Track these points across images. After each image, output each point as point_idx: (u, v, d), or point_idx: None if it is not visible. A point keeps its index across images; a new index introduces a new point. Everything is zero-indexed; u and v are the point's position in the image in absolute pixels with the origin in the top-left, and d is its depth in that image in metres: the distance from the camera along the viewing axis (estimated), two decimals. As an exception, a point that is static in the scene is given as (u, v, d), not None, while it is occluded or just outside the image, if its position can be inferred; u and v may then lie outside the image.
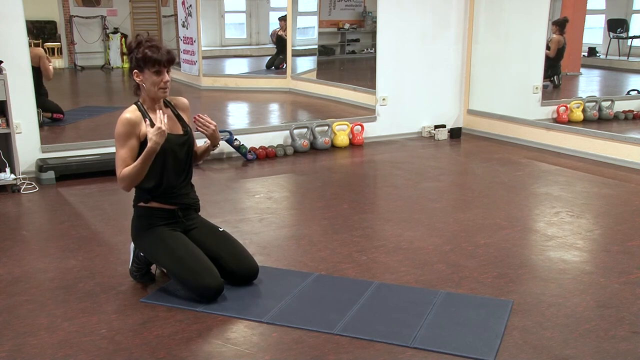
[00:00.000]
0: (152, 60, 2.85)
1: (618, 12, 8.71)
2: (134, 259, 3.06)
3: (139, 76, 2.90)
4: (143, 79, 2.90)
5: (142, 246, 2.98)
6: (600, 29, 8.75)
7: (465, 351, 2.46)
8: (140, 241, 2.99)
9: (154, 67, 2.86)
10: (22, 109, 4.94)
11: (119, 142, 2.87)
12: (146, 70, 2.87)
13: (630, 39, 8.53)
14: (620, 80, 8.89)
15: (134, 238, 3.02)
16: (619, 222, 4.01)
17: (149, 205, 2.97)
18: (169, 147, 2.92)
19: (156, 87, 2.90)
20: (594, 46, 8.91)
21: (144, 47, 2.86)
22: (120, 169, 2.87)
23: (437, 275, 3.19)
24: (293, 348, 2.50)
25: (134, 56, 2.88)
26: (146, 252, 2.97)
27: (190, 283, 2.84)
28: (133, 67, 2.91)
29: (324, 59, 10.16)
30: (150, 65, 2.85)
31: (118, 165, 2.87)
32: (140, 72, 2.89)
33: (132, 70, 2.92)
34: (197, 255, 2.88)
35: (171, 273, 2.92)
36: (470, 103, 7.05)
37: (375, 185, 5.27)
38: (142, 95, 2.97)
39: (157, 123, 2.82)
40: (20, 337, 2.58)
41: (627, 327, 2.65)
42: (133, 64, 2.90)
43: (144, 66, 2.87)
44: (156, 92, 2.92)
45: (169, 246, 2.90)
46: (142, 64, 2.86)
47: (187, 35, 10.06)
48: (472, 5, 6.84)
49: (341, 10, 10.33)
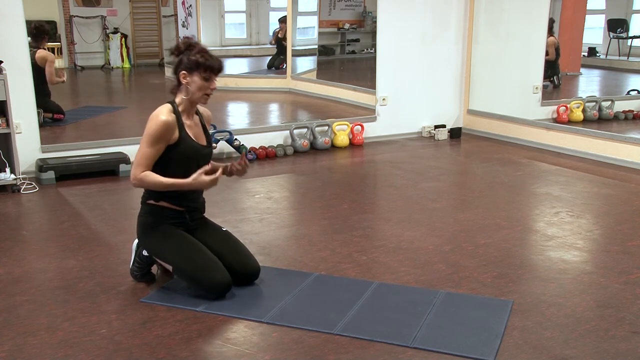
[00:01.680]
0: (206, 66, 2.85)
1: (618, 12, 8.71)
2: (136, 259, 3.06)
3: (187, 77, 2.88)
4: (190, 81, 2.88)
5: (148, 243, 2.97)
6: (600, 29, 8.75)
7: (465, 351, 2.46)
8: (146, 238, 2.98)
9: (205, 73, 2.86)
10: (22, 109, 4.94)
11: (149, 141, 2.83)
12: (196, 73, 2.85)
13: (630, 39, 8.53)
14: (620, 80, 8.89)
15: (140, 234, 3.02)
16: (619, 222, 4.01)
17: (158, 204, 2.97)
18: (194, 157, 2.93)
19: (201, 92, 2.89)
20: (594, 46, 8.91)
21: (197, 51, 2.86)
22: (141, 168, 2.84)
23: (437, 275, 3.19)
24: (293, 348, 2.50)
25: (186, 58, 2.86)
26: (152, 249, 2.96)
27: (200, 279, 2.86)
28: (182, 68, 2.88)
29: (324, 59, 10.15)
30: (202, 70, 2.85)
31: (140, 163, 2.84)
32: (189, 74, 2.87)
33: (178, 70, 2.89)
34: (205, 253, 2.89)
35: (179, 270, 2.91)
36: (470, 103, 7.05)
37: (375, 185, 5.27)
38: (180, 97, 2.94)
39: (218, 174, 2.87)
40: (20, 337, 2.58)
41: (627, 327, 2.65)
42: (183, 65, 2.87)
43: (195, 69, 2.85)
44: (200, 97, 2.91)
45: (177, 243, 2.90)
46: (194, 67, 2.85)
47: (187, 35, 10.05)
48: (472, 5, 6.84)
49: (341, 10, 10.32)
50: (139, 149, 2.86)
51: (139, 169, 2.85)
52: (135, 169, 2.86)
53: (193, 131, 2.97)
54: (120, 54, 12.65)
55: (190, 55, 2.86)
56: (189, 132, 2.94)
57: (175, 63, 2.93)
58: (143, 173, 2.85)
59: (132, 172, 2.88)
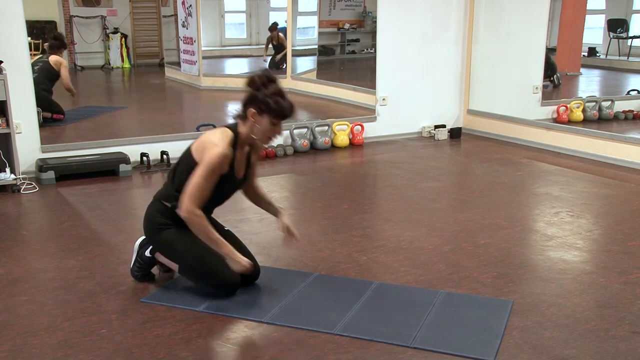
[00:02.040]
0: (278, 113, 2.72)
1: (618, 12, 8.71)
2: (137, 259, 3.06)
3: (255, 117, 2.73)
4: (258, 121, 2.74)
5: (157, 241, 2.94)
6: (600, 29, 8.76)
7: (465, 351, 2.46)
8: (156, 236, 2.94)
9: (275, 119, 2.73)
10: (22, 109, 4.94)
11: (207, 174, 2.70)
12: (266, 116, 2.72)
13: (630, 39, 8.54)
14: (620, 80, 8.89)
15: (149, 231, 2.98)
16: (619, 222, 4.01)
17: (171, 209, 2.91)
18: (229, 187, 2.90)
19: (266, 135, 2.78)
20: (594, 46, 8.92)
21: (272, 92, 2.71)
22: (197, 201, 2.71)
23: (437, 275, 3.19)
24: (293, 348, 2.50)
25: (260, 95, 2.71)
26: (161, 247, 2.94)
27: (212, 277, 2.87)
28: (253, 106, 2.73)
29: (324, 59, 10.15)
30: (273, 115, 2.72)
31: (194, 195, 2.70)
32: (259, 115, 2.73)
33: (248, 105, 2.74)
34: (215, 253, 2.88)
35: (189, 267, 2.90)
36: (470, 103, 7.05)
37: (375, 185, 5.27)
38: (243, 129, 2.80)
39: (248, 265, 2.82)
40: (20, 337, 2.58)
41: (627, 327, 2.65)
42: (255, 104, 2.72)
43: (266, 112, 2.72)
44: (263, 139, 2.81)
45: (188, 243, 2.88)
46: (266, 109, 2.71)
47: (187, 35, 10.06)
48: (472, 5, 6.84)
49: (341, 10, 10.33)
50: (195, 177, 2.70)
51: (195, 202, 2.72)
52: (189, 201, 2.71)
53: (238, 163, 2.87)
54: (120, 54, 12.65)
55: (265, 95, 2.70)
56: (235, 166, 2.85)
57: (247, 95, 2.76)
58: (199, 213, 2.72)
59: (184, 202, 2.72)
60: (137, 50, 13.08)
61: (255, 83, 2.74)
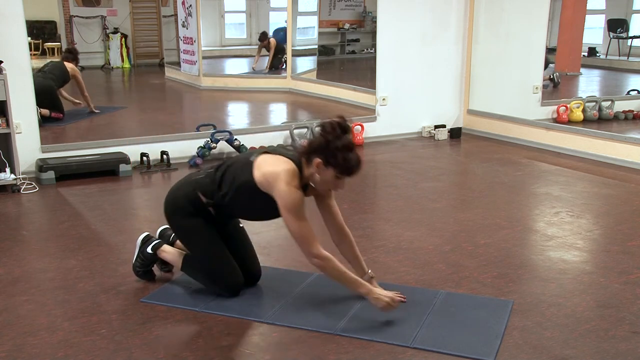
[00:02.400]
0: (344, 170, 2.60)
1: (618, 12, 8.72)
2: (139, 255, 3.06)
3: (320, 167, 2.59)
4: (321, 171, 2.61)
5: (180, 224, 2.89)
6: (600, 29, 8.76)
7: (465, 351, 2.46)
8: (178, 221, 2.88)
9: (341, 174, 2.61)
10: (22, 109, 4.94)
11: (300, 213, 2.59)
12: (331, 169, 2.59)
13: (630, 39, 8.54)
14: (620, 80, 8.90)
15: (172, 214, 2.89)
16: (619, 222, 4.01)
17: (204, 203, 2.83)
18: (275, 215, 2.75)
19: (327, 186, 2.69)
20: (594, 46, 8.92)
21: (343, 146, 2.57)
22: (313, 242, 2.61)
23: (437, 275, 3.19)
24: (293, 348, 2.50)
25: (331, 147, 2.56)
26: (182, 231, 2.90)
27: (219, 276, 2.87)
28: (319, 156, 2.58)
29: (324, 59, 10.16)
30: (339, 170, 2.60)
31: (308, 240, 2.60)
32: (324, 166, 2.59)
33: (314, 152, 2.59)
34: (229, 256, 2.90)
35: (200, 263, 2.90)
36: (470, 103, 7.05)
37: (375, 185, 5.26)
38: (306, 171, 2.66)
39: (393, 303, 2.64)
40: (20, 337, 2.58)
41: (627, 327, 2.65)
42: (322, 153, 2.57)
43: (332, 165, 2.58)
44: (323, 189, 2.72)
45: (208, 240, 2.86)
46: (333, 163, 2.57)
47: (187, 35, 10.06)
48: (472, 5, 6.84)
49: (341, 10, 10.34)
50: (293, 224, 2.60)
51: (313, 245, 2.61)
52: (309, 248, 2.61)
53: None
54: (120, 54, 12.66)
55: (336, 148, 2.56)
56: None
57: (317, 141, 2.61)
58: (327, 255, 2.62)
59: (308, 250, 2.62)
60: (137, 50, 13.09)
61: (327, 131, 2.59)
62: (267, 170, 2.64)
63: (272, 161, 2.67)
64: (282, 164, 2.63)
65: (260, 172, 2.66)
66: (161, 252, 3.03)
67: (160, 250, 3.03)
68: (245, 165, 2.73)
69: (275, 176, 2.60)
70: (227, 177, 2.77)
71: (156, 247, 3.03)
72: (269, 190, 2.64)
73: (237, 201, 2.77)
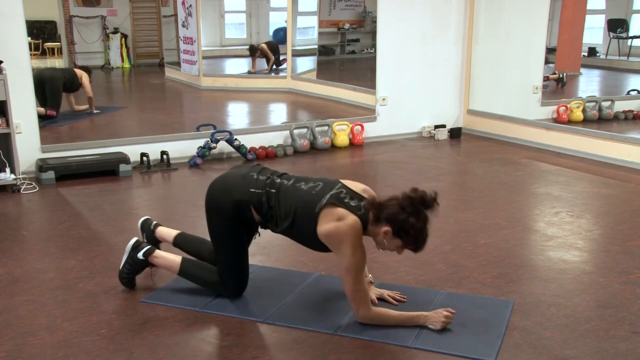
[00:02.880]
0: (415, 249, 2.56)
1: (618, 12, 8.71)
2: (128, 260, 2.98)
3: (388, 234, 2.51)
4: (388, 237, 2.52)
5: (216, 224, 2.80)
6: (600, 29, 8.76)
7: (466, 351, 2.45)
8: (218, 219, 2.78)
9: (408, 246, 2.55)
10: (22, 109, 4.94)
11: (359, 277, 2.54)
12: (399, 240, 2.52)
13: (630, 39, 8.53)
14: (620, 80, 8.89)
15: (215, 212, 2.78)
16: (619, 222, 4.01)
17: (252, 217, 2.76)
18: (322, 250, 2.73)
19: (386, 250, 2.61)
20: (594, 46, 8.91)
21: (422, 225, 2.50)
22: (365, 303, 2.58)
23: (437, 275, 3.19)
24: (293, 348, 2.50)
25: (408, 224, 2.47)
26: (216, 232, 2.82)
27: (235, 281, 2.87)
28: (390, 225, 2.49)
29: (324, 59, 10.16)
30: (407, 245, 2.54)
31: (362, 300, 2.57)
32: (393, 235, 2.50)
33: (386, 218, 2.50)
34: (248, 262, 2.90)
35: (222, 264, 2.85)
36: (470, 103, 7.05)
37: (375, 185, 5.24)
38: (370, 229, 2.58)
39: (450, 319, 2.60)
40: (20, 337, 2.58)
41: (627, 327, 2.65)
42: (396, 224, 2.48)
43: (402, 238, 2.50)
44: (380, 247, 2.62)
45: (238, 247, 2.83)
46: (404, 236, 2.49)
47: (187, 35, 10.06)
48: (472, 5, 6.84)
49: (341, 10, 10.33)
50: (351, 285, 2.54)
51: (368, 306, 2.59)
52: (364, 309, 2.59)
53: None
54: (120, 54, 12.66)
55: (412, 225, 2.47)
56: None
57: (393, 209, 2.50)
58: (371, 311, 2.59)
59: (361, 313, 2.59)
60: (137, 50, 13.08)
61: (406, 206, 2.49)
62: (332, 228, 2.53)
63: (339, 216, 2.54)
64: (349, 221, 2.52)
65: (325, 229, 2.54)
66: (153, 259, 2.98)
67: (152, 257, 2.98)
68: (309, 212, 2.59)
69: (341, 236, 2.51)
70: (287, 211, 2.65)
71: (148, 253, 2.97)
72: (332, 247, 2.57)
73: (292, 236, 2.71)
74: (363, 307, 2.60)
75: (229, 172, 2.88)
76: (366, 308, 2.61)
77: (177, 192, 4.92)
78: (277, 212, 2.68)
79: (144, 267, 3.01)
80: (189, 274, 2.96)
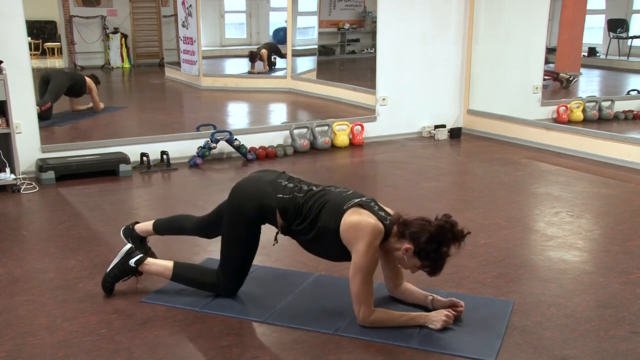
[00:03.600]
0: (431, 272, 2.57)
1: (618, 12, 8.71)
2: (119, 265, 2.94)
3: (408, 252, 2.53)
4: (408, 255, 2.53)
5: (235, 224, 2.78)
6: (600, 29, 8.75)
7: (466, 351, 2.45)
8: (239, 220, 2.77)
9: (424, 268, 2.56)
10: (22, 109, 4.94)
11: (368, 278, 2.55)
12: (419, 260, 2.53)
13: (630, 39, 8.53)
14: (620, 80, 8.89)
15: (237, 212, 2.77)
16: (619, 222, 4.01)
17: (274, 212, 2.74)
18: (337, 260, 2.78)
19: (402, 264, 2.64)
20: (594, 46, 8.91)
21: (445, 254, 2.51)
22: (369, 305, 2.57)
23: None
24: (293, 348, 2.50)
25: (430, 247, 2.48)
26: (231, 231, 2.80)
27: (234, 280, 2.87)
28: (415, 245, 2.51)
29: (324, 59, 10.16)
30: (424, 267, 2.55)
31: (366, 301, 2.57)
32: (414, 254, 2.52)
33: (412, 240, 2.51)
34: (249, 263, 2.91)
35: (228, 263, 2.84)
36: (470, 103, 7.05)
37: (375, 185, 5.26)
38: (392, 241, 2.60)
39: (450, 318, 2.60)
40: (20, 337, 2.58)
41: (627, 327, 2.65)
42: (420, 246, 2.49)
43: (421, 260, 2.52)
44: (398, 262, 2.65)
45: (250, 250, 2.84)
46: (424, 258, 2.51)
47: (187, 35, 10.06)
48: (472, 5, 6.84)
49: (341, 10, 10.33)
50: (358, 284, 2.55)
51: (371, 309, 2.58)
52: (366, 310, 2.57)
53: None
54: (120, 54, 12.66)
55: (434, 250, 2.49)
56: None
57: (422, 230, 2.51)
58: (374, 314, 2.59)
59: (362, 314, 2.57)
60: (137, 50, 13.08)
61: (435, 230, 2.50)
62: (355, 220, 2.56)
63: (366, 215, 2.58)
64: (372, 220, 2.56)
65: (348, 221, 2.57)
66: (144, 267, 2.95)
67: (143, 265, 2.95)
68: (336, 209, 2.63)
69: (361, 231, 2.53)
70: (312, 211, 2.67)
71: (140, 261, 2.94)
72: (349, 242, 2.57)
73: (311, 237, 2.70)
74: (365, 308, 2.59)
75: (257, 176, 2.88)
76: (368, 309, 2.60)
77: (177, 192, 4.92)
78: (302, 212, 2.69)
79: (131, 275, 2.97)
80: (182, 278, 2.95)
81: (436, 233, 2.50)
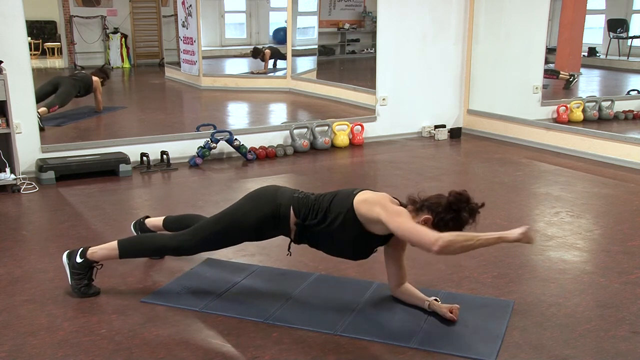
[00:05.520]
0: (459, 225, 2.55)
1: (618, 12, 8.72)
2: (71, 272, 2.92)
3: (428, 222, 2.54)
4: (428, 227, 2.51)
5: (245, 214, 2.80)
6: (600, 29, 8.76)
7: (466, 351, 2.46)
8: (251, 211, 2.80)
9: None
10: (22, 109, 4.94)
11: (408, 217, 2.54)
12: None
13: (630, 39, 8.54)
14: (620, 80, 8.90)
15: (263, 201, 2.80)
16: (619, 222, 4.01)
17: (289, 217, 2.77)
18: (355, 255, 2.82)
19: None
20: (594, 46, 8.92)
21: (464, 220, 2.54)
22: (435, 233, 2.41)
23: (437, 275, 3.19)
24: (293, 348, 2.50)
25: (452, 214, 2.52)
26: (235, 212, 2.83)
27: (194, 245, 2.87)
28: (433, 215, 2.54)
29: (324, 59, 10.17)
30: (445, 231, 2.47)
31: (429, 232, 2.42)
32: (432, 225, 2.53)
33: (428, 209, 2.56)
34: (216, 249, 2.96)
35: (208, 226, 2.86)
36: (470, 103, 7.05)
37: (375, 185, 5.26)
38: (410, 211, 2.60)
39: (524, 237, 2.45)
40: (20, 337, 2.58)
41: (627, 327, 2.65)
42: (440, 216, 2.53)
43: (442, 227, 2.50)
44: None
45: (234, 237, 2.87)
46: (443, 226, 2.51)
47: (187, 35, 10.06)
48: (472, 5, 6.84)
49: (341, 10, 10.34)
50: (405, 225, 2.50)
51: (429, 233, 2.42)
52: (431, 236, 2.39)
53: None
54: (120, 54, 12.66)
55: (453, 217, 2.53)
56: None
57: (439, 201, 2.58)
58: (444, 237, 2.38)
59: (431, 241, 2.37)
60: (137, 50, 13.09)
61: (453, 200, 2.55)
62: (368, 195, 2.66)
63: (376, 193, 2.69)
64: (386, 195, 2.66)
65: (361, 198, 2.64)
66: (92, 255, 2.91)
67: (90, 253, 2.91)
68: (346, 196, 2.70)
69: (376, 199, 2.61)
70: (323, 204, 2.73)
71: (84, 252, 2.92)
72: (366, 213, 2.59)
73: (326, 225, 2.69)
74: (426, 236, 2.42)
75: (279, 187, 2.92)
76: (430, 234, 2.41)
77: (177, 192, 4.92)
78: (314, 207, 2.74)
79: (89, 268, 2.93)
80: (130, 251, 2.95)
81: (454, 201, 2.54)
